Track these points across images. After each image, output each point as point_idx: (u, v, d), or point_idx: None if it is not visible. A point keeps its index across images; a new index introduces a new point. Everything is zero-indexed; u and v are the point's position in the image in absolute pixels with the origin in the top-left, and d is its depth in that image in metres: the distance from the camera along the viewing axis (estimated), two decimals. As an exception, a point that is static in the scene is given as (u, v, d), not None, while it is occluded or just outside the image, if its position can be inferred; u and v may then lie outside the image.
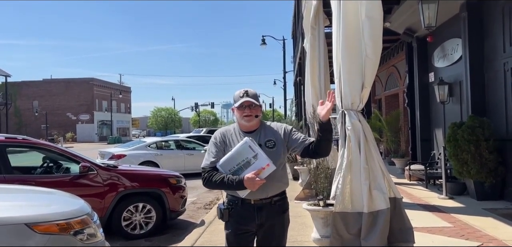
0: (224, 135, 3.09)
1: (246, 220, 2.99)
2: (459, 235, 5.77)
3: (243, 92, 3.02)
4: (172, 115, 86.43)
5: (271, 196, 2.98)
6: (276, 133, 3.05)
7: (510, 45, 7.71)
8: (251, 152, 2.82)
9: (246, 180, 2.78)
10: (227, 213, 3.02)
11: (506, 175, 7.89)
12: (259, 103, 3.04)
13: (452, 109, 10.08)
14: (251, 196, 2.92)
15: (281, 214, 3.05)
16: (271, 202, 2.98)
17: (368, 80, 4.50)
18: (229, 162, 2.89)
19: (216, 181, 2.89)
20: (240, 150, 2.85)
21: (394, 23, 11.20)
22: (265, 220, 2.99)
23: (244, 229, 3.01)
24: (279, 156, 2.98)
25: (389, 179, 4.41)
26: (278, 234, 3.07)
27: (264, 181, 2.80)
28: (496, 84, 8.16)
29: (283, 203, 3.08)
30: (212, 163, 2.98)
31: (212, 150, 3.04)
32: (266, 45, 32.71)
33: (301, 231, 6.42)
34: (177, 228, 7.58)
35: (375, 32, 4.42)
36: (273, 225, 3.01)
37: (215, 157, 2.99)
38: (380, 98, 18.47)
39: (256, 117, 3.01)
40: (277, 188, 3.00)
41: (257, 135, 3.03)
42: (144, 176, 7.41)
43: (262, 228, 3.01)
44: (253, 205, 2.97)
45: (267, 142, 2.99)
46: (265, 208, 2.97)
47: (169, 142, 16.92)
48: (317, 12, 8.11)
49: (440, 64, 10.66)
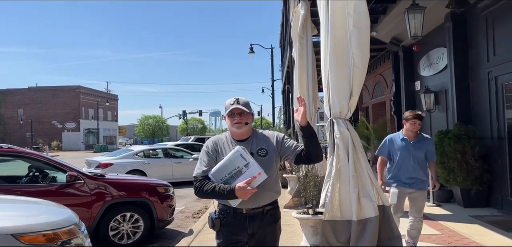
0: (216, 144, 3.08)
1: (237, 229, 2.98)
2: (446, 242, 5.83)
3: (234, 100, 3.01)
4: (159, 123, 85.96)
5: (263, 205, 2.96)
6: (268, 141, 3.04)
7: (494, 54, 7.86)
8: (242, 161, 2.80)
9: (237, 189, 2.77)
10: (218, 222, 3.00)
11: (492, 182, 8.00)
12: (250, 111, 3.03)
13: (438, 118, 10.21)
14: (243, 206, 2.90)
15: (273, 224, 3.03)
16: (263, 211, 2.97)
17: (356, 88, 4.53)
18: (220, 170, 2.87)
19: (208, 190, 2.87)
20: (231, 159, 2.84)
21: (381, 33, 11.33)
22: (257, 229, 2.97)
23: (235, 239, 2.99)
24: (271, 165, 2.97)
25: (377, 187, 4.44)
26: (269, 244, 3.05)
27: (255, 190, 2.79)
28: (481, 92, 8.30)
29: (275, 212, 3.06)
30: (204, 171, 2.96)
31: (204, 159, 3.02)
32: (254, 54, 32.83)
33: (290, 240, 6.41)
34: (165, 237, 7.51)
35: (363, 41, 4.46)
36: (264, 234, 3.00)
37: (207, 166, 2.97)
38: (367, 106, 18.63)
39: (246, 125, 2.99)
40: (269, 197, 2.99)
41: (249, 143, 3.02)
42: (132, 185, 7.33)
43: (254, 237, 2.99)
44: (245, 214, 2.95)
45: (259, 150, 2.98)
46: (257, 218, 2.96)
47: (156, 150, 16.79)
48: (305, 21, 8.16)
49: (426, 73, 10.80)
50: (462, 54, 8.75)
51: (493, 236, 6.08)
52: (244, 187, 2.76)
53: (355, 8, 4.40)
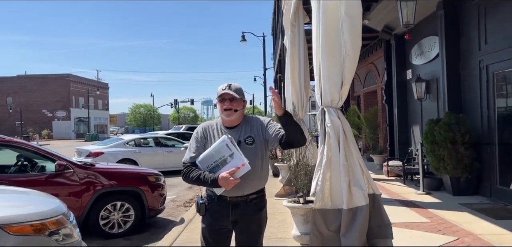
0: (205, 130, 3.08)
1: (221, 216, 2.99)
2: (436, 230, 5.87)
3: (226, 85, 2.99)
4: (151, 112, 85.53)
5: (248, 194, 2.96)
6: (257, 129, 3.02)
7: (485, 43, 7.87)
8: (228, 151, 2.79)
9: (220, 179, 2.77)
10: (203, 207, 3.03)
11: (481, 170, 8.07)
12: (242, 98, 2.99)
13: (429, 106, 10.25)
14: (227, 193, 2.91)
15: (257, 212, 3.02)
16: (247, 199, 2.96)
17: (347, 77, 4.52)
18: (207, 158, 2.87)
19: (193, 177, 2.89)
20: (217, 148, 2.83)
21: (373, 20, 11.30)
22: (240, 217, 2.97)
23: (219, 225, 3.01)
24: (257, 153, 2.96)
25: (368, 176, 4.44)
26: (254, 232, 3.05)
27: (238, 181, 2.77)
28: (472, 81, 8.33)
29: (260, 201, 3.05)
30: (191, 158, 2.98)
31: (193, 145, 3.04)
32: (246, 42, 32.70)
33: (281, 228, 6.43)
34: (156, 226, 7.49)
35: (355, 29, 4.44)
36: (248, 222, 3.00)
37: (195, 152, 2.98)
38: (358, 95, 18.66)
39: (236, 112, 2.97)
40: (254, 186, 2.97)
41: (238, 130, 3.01)
42: (122, 174, 7.29)
43: (237, 225, 3.00)
44: (229, 202, 2.96)
45: (247, 139, 2.97)
46: (241, 206, 2.96)
47: (148, 139, 16.73)
48: (297, 9, 8.12)
49: (417, 61, 10.82)
50: (454, 43, 8.76)
51: (481, 223, 6.13)
52: (227, 177, 2.75)
53: (346, -4, 4.37)
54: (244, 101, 3.03)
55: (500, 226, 5.90)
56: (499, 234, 5.56)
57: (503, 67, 7.41)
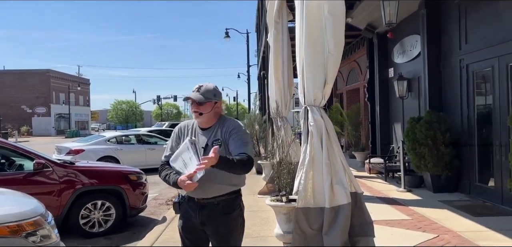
0: (181, 130, 3.09)
1: (190, 216, 3.01)
2: (417, 228, 5.94)
3: (196, 87, 2.96)
4: (133, 109, 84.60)
5: (214, 196, 2.92)
6: (225, 131, 2.96)
7: (465, 42, 7.99)
8: (188, 154, 2.81)
9: (179, 182, 2.78)
10: (177, 206, 3.07)
11: (461, 168, 8.20)
12: (211, 100, 2.92)
13: (410, 104, 10.37)
14: (194, 194, 2.92)
15: (225, 215, 2.94)
16: (214, 202, 2.93)
17: (330, 76, 4.52)
18: (176, 159, 2.91)
19: (163, 176, 2.97)
20: (182, 150, 2.87)
21: (356, 19, 11.37)
22: (207, 219, 2.94)
23: (190, 224, 3.02)
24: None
25: (350, 174, 4.46)
26: (223, 235, 2.96)
27: (195, 185, 2.72)
28: (453, 80, 8.44)
29: (230, 204, 2.97)
30: (166, 157, 3.03)
31: (169, 145, 3.09)
32: (230, 38, 32.63)
33: (264, 226, 6.43)
34: (138, 225, 7.41)
35: (338, 28, 4.43)
36: (216, 225, 2.94)
37: (170, 151, 3.04)
38: (341, 92, 18.78)
39: (201, 115, 2.93)
40: (220, 190, 2.91)
41: (211, 132, 2.98)
42: (103, 172, 7.18)
43: (206, 226, 2.98)
44: (197, 202, 2.96)
45: (214, 142, 2.92)
46: (207, 208, 2.94)
47: (129, 136, 16.52)
48: (281, 6, 8.09)
49: (399, 60, 10.92)
50: (435, 42, 8.87)
51: (461, 220, 6.23)
52: (184, 180, 2.74)
53: (330, -6, 4.36)
54: (215, 103, 2.96)
55: (478, 223, 6.00)
56: (478, 231, 5.65)
57: (482, 67, 7.54)
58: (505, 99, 6.84)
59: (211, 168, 2.71)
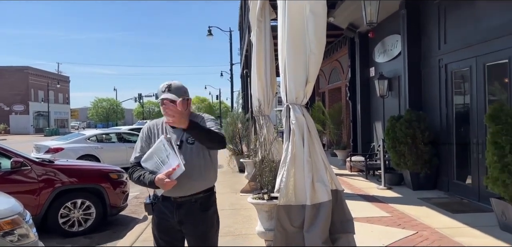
0: (150, 130, 3.03)
1: (166, 216, 2.95)
2: (396, 224, 6.03)
3: (165, 86, 2.88)
4: (114, 107, 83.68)
5: (192, 194, 2.89)
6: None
7: (444, 42, 8.14)
8: (165, 151, 2.77)
9: (157, 181, 2.74)
10: (150, 207, 2.99)
11: (440, 166, 8.36)
12: (183, 97, 2.90)
13: (391, 103, 10.51)
14: (170, 193, 2.87)
15: (203, 212, 2.95)
16: (191, 199, 2.90)
17: (312, 75, 4.54)
18: (149, 159, 2.86)
19: (135, 178, 2.89)
20: (156, 148, 2.82)
21: (338, 18, 11.47)
22: (185, 217, 2.91)
23: (166, 224, 2.97)
24: (199, 153, 2.89)
25: (331, 172, 4.49)
26: (202, 232, 2.97)
27: (174, 183, 2.72)
28: (432, 79, 8.59)
29: (207, 201, 2.99)
30: (136, 158, 2.96)
31: (138, 145, 3.01)
32: (213, 36, 32.50)
33: (245, 224, 6.44)
34: (118, 224, 7.34)
35: (319, 28, 4.46)
36: (195, 223, 2.93)
37: (140, 152, 2.96)
38: (323, 91, 18.92)
39: None
40: (198, 186, 2.91)
41: (182, 130, 2.91)
42: (83, 171, 7.09)
43: (184, 225, 2.95)
44: (173, 202, 2.92)
45: (189, 138, 2.90)
46: (185, 206, 2.91)
47: (110, 134, 16.33)
48: (263, 5, 8.10)
49: (380, 59, 11.06)
50: (415, 42, 9.02)
51: (439, 217, 6.35)
52: (163, 179, 2.71)
53: (311, -7, 4.39)
54: (187, 100, 2.95)
55: (456, 220, 6.13)
56: (456, 227, 5.77)
57: (461, 67, 7.69)
58: (482, 98, 6.99)
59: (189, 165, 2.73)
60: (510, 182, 5.11)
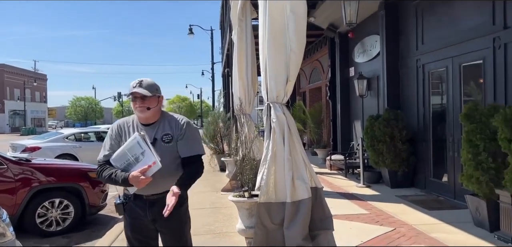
0: (120, 127, 2.99)
1: (139, 215, 2.93)
2: (374, 221, 6.14)
3: (137, 82, 2.87)
4: (92, 105, 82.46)
5: (165, 191, 2.86)
6: (175, 128, 2.94)
7: (422, 43, 8.31)
8: (139, 148, 2.75)
9: (131, 178, 2.71)
10: (121, 207, 2.95)
11: (417, 164, 8.53)
12: (155, 94, 2.89)
13: (370, 103, 10.67)
14: (143, 192, 2.85)
15: (176, 209, 2.88)
16: (164, 197, 2.85)
17: (292, 73, 4.59)
18: (120, 156, 2.81)
19: (106, 176, 2.83)
20: (130, 145, 2.78)
21: (318, 18, 11.57)
22: (158, 215, 2.89)
23: (139, 223, 2.95)
24: (172, 151, 2.89)
25: (311, 170, 4.55)
26: (175, 230, 2.97)
27: (149, 180, 2.71)
28: (410, 79, 8.76)
29: (180, 197, 2.93)
30: (105, 156, 2.91)
31: (107, 143, 2.96)
32: (194, 35, 32.35)
33: (226, 222, 6.45)
34: (97, 223, 7.26)
35: (300, 27, 4.51)
36: (168, 220, 2.89)
37: (109, 150, 2.91)
38: (304, 91, 19.05)
39: (148, 110, 2.87)
40: (171, 184, 2.87)
41: (156, 127, 2.92)
42: (61, 169, 6.99)
43: (157, 223, 2.94)
44: (145, 200, 2.90)
45: (164, 136, 2.89)
46: (157, 204, 2.89)
47: (89, 133, 16.14)
48: (244, 4, 8.13)
49: (360, 59, 11.21)
50: (394, 42, 9.18)
51: (416, 214, 6.49)
52: (138, 176, 2.69)
53: (292, -7, 4.43)
54: (159, 97, 2.94)
55: (432, 216, 6.28)
56: (432, 224, 5.91)
57: (437, 67, 7.86)
58: (458, 98, 7.17)
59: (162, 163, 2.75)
60: (483, 179, 5.26)
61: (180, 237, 3.01)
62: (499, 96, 6.05)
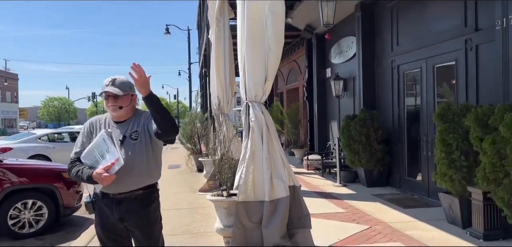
0: (92, 125, 2.99)
1: (107, 213, 2.91)
2: (351, 220, 6.22)
3: (110, 81, 2.87)
4: (66, 106, 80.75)
5: (132, 190, 2.85)
6: (143, 122, 2.92)
7: (397, 44, 8.47)
8: (105, 146, 2.75)
9: (95, 175, 2.71)
10: (90, 206, 2.95)
11: (392, 163, 8.69)
12: (128, 93, 2.88)
13: (346, 103, 10.81)
14: (109, 190, 2.83)
15: (144, 208, 2.91)
16: (131, 196, 2.86)
17: (270, 73, 4.62)
18: (89, 154, 2.83)
19: (73, 173, 2.85)
20: (97, 143, 2.80)
21: (296, 19, 11.65)
22: (125, 214, 2.87)
23: (108, 222, 2.92)
24: (142, 148, 2.86)
25: (289, 168, 4.58)
26: (144, 228, 2.93)
27: (113, 177, 2.70)
28: (385, 80, 8.92)
29: (148, 196, 2.95)
30: (76, 153, 2.92)
31: (79, 140, 2.97)
32: (171, 35, 32.11)
33: (204, 222, 6.43)
34: (72, 225, 7.11)
35: (278, 26, 4.54)
36: (135, 219, 2.89)
37: (80, 148, 2.92)
38: (282, 91, 19.14)
39: (121, 109, 2.87)
40: (139, 182, 2.88)
41: (127, 125, 2.91)
42: (34, 170, 6.83)
43: (125, 222, 2.91)
44: (112, 198, 2.87)
45: (132, 134, 2.88)
46: (124, 202, 2.86)
47: (62, 134, 15.85)
48: (222, 3, 8.13)
49: (336, 60, 11.34)
50: (370, 43, 9.32)
51: (392, 212, 6.61)
52: (101, 173, 2.69)
53: (270, -7, 4.46)
54: (132, 96, 2.93)
55: (407, 214, 6.40)
56: (407, 222, 6.03)
57: (412, 68, 8.03)
58: (431, 98, 7.34)
59: (130, 161, 2.73)
60: (456, 177, 5.40)
61: (150, 237, 2.97)
62: (471, 97, 6.23)
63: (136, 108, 3.02)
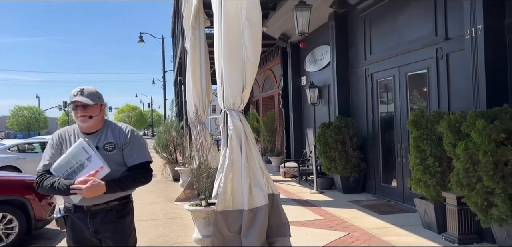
0: (61, 136, 2.89)
1: (80, 227, 2.81)
2: (329, 227, 6.26)
3: (78, 90, 2.80)
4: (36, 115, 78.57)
5: (107, 201, 2.78)
6: (119, 136, 2.86)
7: (370, 53, 8.62)
8: (85, 154, 2.68)
9: (79, 182, 2.63)
10: (62, 221, 2.83)
11: (367, 170, 8.81)
12: (98, 102, 2.82)
13: (321, 111, 10.92)
14: (84, 202, 2.74)
15: (119, 220, 2.85)
16: (106, 208, 2.79)
17: (248, 81, 4.63)
18: (62, 165, 2.72)
19: (47, 186, 2.71)
20: (74, 152, 2.70)
21: (271, 28, 11.73)
22: (100, 226, 2.80)
23: (82, 236, 2.83)
24: (117, 160, 2.82)
25: (267, 176, 4.59)
26: (118, 240, 2.87)
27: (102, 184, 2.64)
28: (359, 88, 9.06)
29: (124, 207, 2.89)
30: (45, 166, 2.80)
31: (48, 152, 2.85)
32: (144, 43, 31.78)
33: (181, 233, 6.34)
34: (44, 237, 6.90)
35: (255, 35, 4.57)
36: (110, 231, 2.82)
37: (49, 160, 2.80)
38: (257, 99, 19.19)
39: (91, 119, 2.80)
40: (112, 194, 2.80)
41: (97, 136, 2.84)
42: (3, 182, 6.61)
43: (100, 234, 2.83)
44: (86, 211, 2.78)
45: (106, 145, 2.81)
46: (99, 214, 2.79)
47: (33, 144, 15.40)
48: (198, 12, 8.10)
49: (311, 69, 11.46)
50: (343, 52, 9.46)
51: (368, 218, 6.69)
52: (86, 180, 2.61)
53: (247, 1, 4.48)
54: (102, 105, 2.88)
55: (384, 220, 6.50)
56: (383, 227, 6.11)
57: (385, 76, 8.18)
58: (404, 105, 7.49)
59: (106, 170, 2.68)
60: (431, 183, 5.51)
61: None
62: (443, 104, 6.39)
63: (105, 119, 2.95)
